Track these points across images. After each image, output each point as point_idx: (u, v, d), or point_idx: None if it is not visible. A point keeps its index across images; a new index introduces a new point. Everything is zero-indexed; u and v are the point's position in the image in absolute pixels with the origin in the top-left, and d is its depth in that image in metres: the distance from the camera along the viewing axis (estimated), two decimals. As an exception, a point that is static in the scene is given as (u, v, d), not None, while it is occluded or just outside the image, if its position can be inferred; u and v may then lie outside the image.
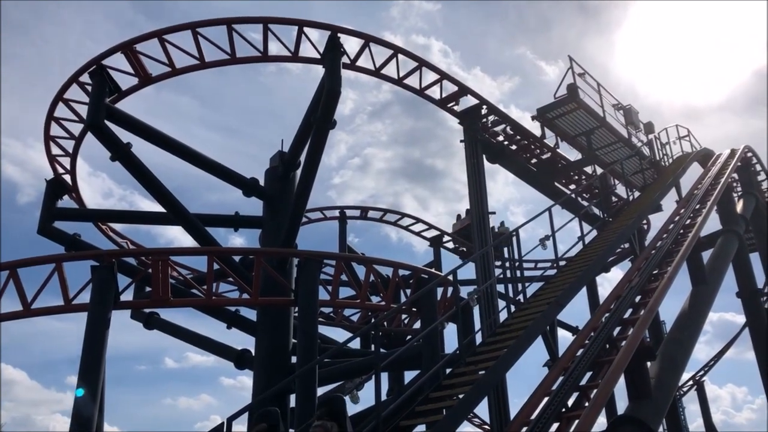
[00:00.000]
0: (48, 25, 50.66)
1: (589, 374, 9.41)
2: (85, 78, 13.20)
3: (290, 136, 14.21)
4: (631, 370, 9.56)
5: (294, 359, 12.44)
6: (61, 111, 14.11)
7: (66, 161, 15.12)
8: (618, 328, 10.70)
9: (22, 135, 50.16)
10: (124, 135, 12.76)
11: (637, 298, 11.77)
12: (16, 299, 11.05)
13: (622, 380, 9.41)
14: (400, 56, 15.19)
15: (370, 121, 63.07)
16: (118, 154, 12.58)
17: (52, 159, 14.96)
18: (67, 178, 15.17)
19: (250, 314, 14.70)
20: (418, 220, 24.04)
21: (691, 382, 26.58)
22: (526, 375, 12.56)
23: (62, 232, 14.04)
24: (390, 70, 15.25)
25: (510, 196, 68.37)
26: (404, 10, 68.59)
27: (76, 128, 14.49)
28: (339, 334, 18.76)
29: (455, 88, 15.94)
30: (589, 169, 18.93)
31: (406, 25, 68.01)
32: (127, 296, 12.08)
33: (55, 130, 14.54)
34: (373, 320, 16.30)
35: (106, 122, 12.46)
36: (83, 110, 13.50)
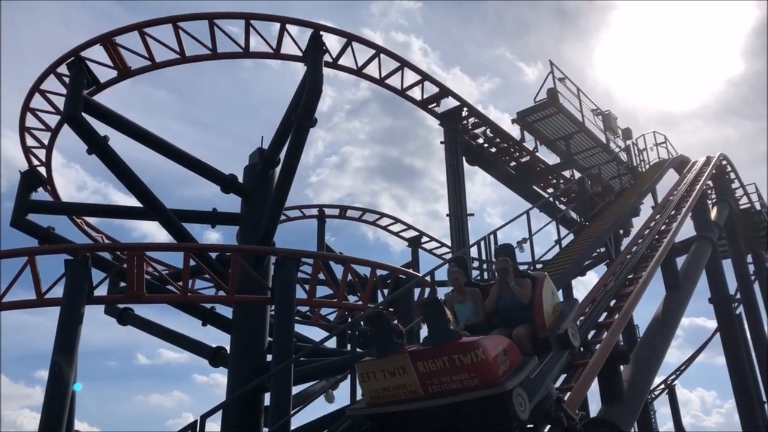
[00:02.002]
0: (21, 13, 49.88)
1: (563, 377, 9.49)
2: (62, 69, 13.01)
3: (267, 132, 14.19)
4: (604, 374, 9.66)
5: (270, 357, 12.38)
6: (37, 102, 13.88)
7: (41, 153, 14.86)
8: (593, 332, 10.79)
9: (-7, 124, 49.37)
10: (100, 128, 12.61)
11: (612, 302, 11.89)
12: (-13, 292, 10.86)
13: (595, 383, 9.51)
14: (383, 56, 15.20)
15: (348, 119, 63.10)
16: (94, 147, 12.39)
17: (27, 150, 14.70)
18: (42, 170, 14.93)
19: (226, 311, 14.60)
20: (396, 221, 24.09)
21: (662, 386, 26.95)
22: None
23: (36, 225, 13.82)
24: (372, 70, 15.27)
25: (487, 198, 68.80)
26: (384, 7, 68.71)
27: (53, 120, 14.26)
28: (315, 333, 18.71)
29: (436, 90, 15.99)
30: (567, 173, 19.10)
31: (386, 22, 68.08)
32: (101, 291, 11.92)
33: (31, 121, 14.31)
34: (349, 320, 16.31)
35: (84, 114, 12.30)
36: (60, 102, 13.31)
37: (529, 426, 6.06)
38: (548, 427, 6.53)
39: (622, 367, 10.47)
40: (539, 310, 6.85)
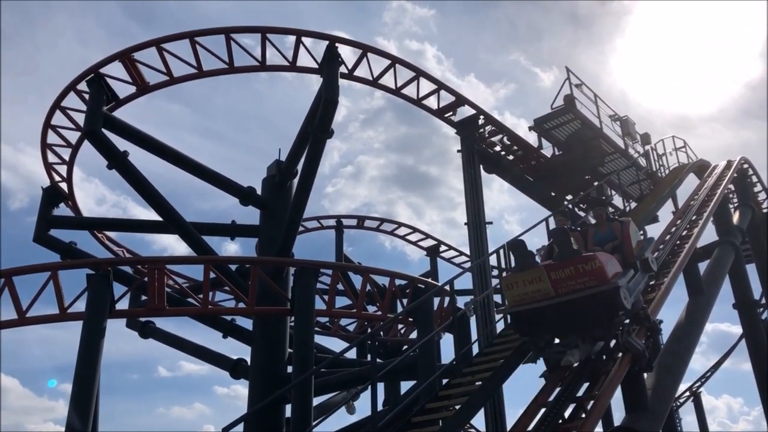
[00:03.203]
0: (39, 31, 50.66)
1: (585, 385, 9.37)
2: (82, 86, 13.19)
3: (282, 143, 14.26)
4: (628, 381, 9.52)
5: (290, 369, 12.38)
6: (58, 119, 14.08)
7: (62, 169, 15.06)
8: (614, 341, 10.66)
9: (13, 140, 50.07)
10: (120, 143, 12.77)
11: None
12: (10, 307, 10.98)
13: (618, 391, 9.38)
14: (398, 66, 15.22)
15: (363, 129, 63.07)
16: (114, 162, 12.56)
17: (48, 167, 14.90)
18: (63, 186, 15.12)
19: (246, 323, 14.65)
20: (414, 230, 24.05)
21: (687, 393, 26.53)
22: (522, 386, 12.51)
23: (58, 240, 14.00)
24: (387, 80, 15.29)
25: (505, 204, 68.36)
26: (397, 15, 68.66)
27: (73, 136, 14.44)
28: (335, 344, 18.72)
29: (452, 98, 15.97)
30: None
31: (400, 30, 68.03)
32: (123, 305, 12.02)
33: (51, 138, 14.50)
34: (369, 330, 16.28)
35: (103, 130, 12.47)
36: (80, 118, 13.49)
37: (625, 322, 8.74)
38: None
39: (645, 375, 10.32)
40: (628, 242, 9.50)
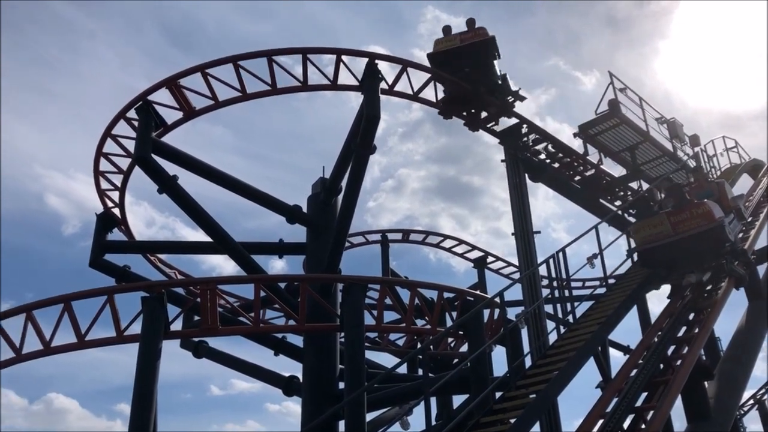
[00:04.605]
0: (85, 61, 52.41)
1: (644, 395, 9.16)
2: (131, 113, 13.57)
3: (322, 161, 14.35)
4: (688, 390, 9.28)
5: (342, 385, 12.41)
6: (109, 146, 14.48)
7: (114, 195, 15.46)
8: (672, 347, 10.41)
9: (63, 167, 51.91)
10: (168, 167, 13.09)
11: (691, 316, 11.45)
12: (69, 331, 11.23)
13: (678, 401, 9.14)
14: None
15: (402, 142, 63.02)
16: (165, 186, 12.87)
17: (101, 193, 15.30)
18: (116, 211, 15.52)
19: (297, 340, 14.76)
20: (460, 242, 23.90)
21: (752, 401, 25.60)
22: (577, 397, 12.30)
23: (113, 265, 14.35)
24: (428, 94, 15.30)
25: (551, 212, 67.21)
26: (432, 26, 68.65)
27: (124, 162, 14.82)
28: (384, 359, 18.69)
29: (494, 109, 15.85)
30: (635, 185, 18.56)
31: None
32: (177, 326, 12.24)
33: (103, 165, 14.90)
34: (418, 344, 16.22)
35: (153, 155, 12.80)
36: (129, 144, 13.87)
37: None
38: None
39: (706, 384, 10.03)
40: (725, 196, 13.10)
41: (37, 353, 11.29)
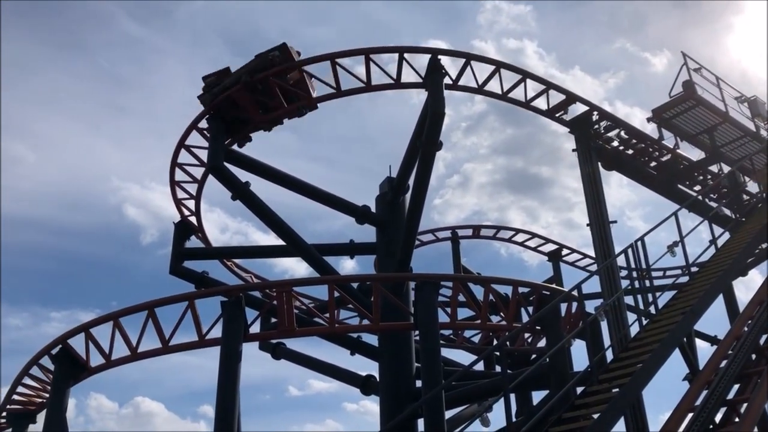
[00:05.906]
0: (155, 78, 54.39)
1: (735, 387, 8.75)
2: (202, 124, 13.96)
3: (387, 160, 14.30)
4: (785, 381, 8.77)
5: (419, 383, 12.40)
6: (183, 157, 14.91)
7: (190, 203, 15.92)
8: (765, 336, 9.90)
9: (140, 179, 54.00)
10: (240, 174, 13.39)
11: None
12: (153, 337, 11.64)
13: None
14: (503, 70, 14.97)
15: (467, 136, 62.06)
16: (238, 193, 13.19)
17: (178, 202, 15.78)
18: (192, 219, 15.99)
19: (372, 339, 14.84)
20: (533, 235, 23.44)
21: None
22: (663, 390, 11.88)
23: (192, 271, 14.78)
24: (493, 86, 15.05)
25: (626, 200, 64.88)
26: (493, 16, 67.29)
27: (197, 172, 15.22)
28: (460, 356, 18.53)
29: (563, 97, 15.49)
30: (714, 168, 17.78)
31: (496, 29, 66.36)
32: (255, 328, 12.52)
33: (179, 175, 15.36)
34: (495, 341, 16.03)
35: (225, 164, 13.13)
36: (202, 154, 14.26)
37: None
38: None
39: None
40: None
41: (125, 359, 11.75)
